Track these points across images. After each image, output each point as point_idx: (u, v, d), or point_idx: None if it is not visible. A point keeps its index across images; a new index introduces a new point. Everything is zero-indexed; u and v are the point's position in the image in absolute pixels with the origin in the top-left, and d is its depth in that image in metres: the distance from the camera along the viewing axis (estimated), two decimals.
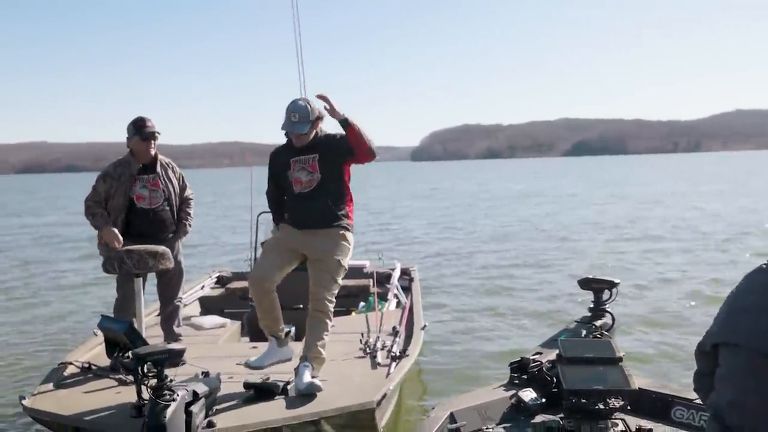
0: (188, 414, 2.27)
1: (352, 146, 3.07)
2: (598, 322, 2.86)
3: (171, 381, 2.24)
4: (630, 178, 40.90)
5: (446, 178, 55.23)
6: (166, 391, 2.17)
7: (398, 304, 4.94)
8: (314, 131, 3.18)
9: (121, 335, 2.76)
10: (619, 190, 28.26)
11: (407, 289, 5.33)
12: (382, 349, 3.51)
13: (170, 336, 3.66)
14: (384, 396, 2.83)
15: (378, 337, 3.69)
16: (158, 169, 3.62)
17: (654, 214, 16.82)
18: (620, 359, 2.57)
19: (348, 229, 3.26)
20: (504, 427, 2.50)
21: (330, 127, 3.26)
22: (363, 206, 23.34)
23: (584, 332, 2.84)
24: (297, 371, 2.98)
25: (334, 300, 3.17)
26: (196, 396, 2.35)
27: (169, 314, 3.67)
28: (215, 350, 3.76)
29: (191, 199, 3.82)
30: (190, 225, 3.77)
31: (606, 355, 2.57)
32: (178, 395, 2.19)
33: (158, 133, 3.58)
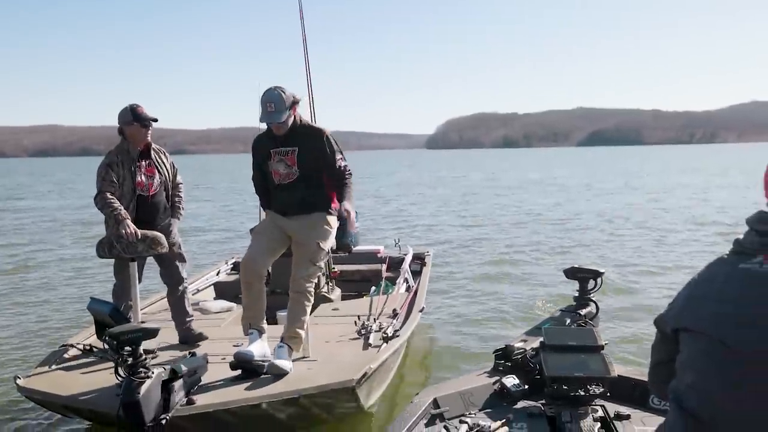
0: (167, 391, 2.35)
1: (331, 181, 3.29)
2: (583, 311, 2.90)
3: (145, 359, 2.31)
4: (641, 169, 40.47)
5: (460, 166, 55.03)
6: (141, 369, 2.23)
7: (408, 288, 5.03)
8: (292, 117, 3.24)
9: (107, 317, 2.84)
10: (629, 181, 28.13)
11: (418, 274, 5.43)
12: (378, 330, 3.58)
13: (186, 318, 3.70)
14: (364, 375, 2.89)
15: (375, 320, 3.77)
16: (153, 155, 3.66)
17: (660, 205, 16.73)
18: (602, 347, 2.61)
19: (330, 213, 3.35)
20: (486, 413, 2.53)
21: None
22: (379, 193, 23.46)
23: (568, 321, 2.88)
24: (274, 352, 3.08)
25: (313, 282, 3.26)
26: (175, 374, 2.42)
27: (179, 298, 3.73)
28: (217, 333, 3.84)
29: (182, 184, 3.86)
30: (183, 209, 3.83)
31: (588, 343, 2.62)
32: (153, 373, 2.25)
33: (155, 119, 3.61)
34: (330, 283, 4.85)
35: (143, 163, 3.60)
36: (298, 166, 3.24)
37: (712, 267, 1.29)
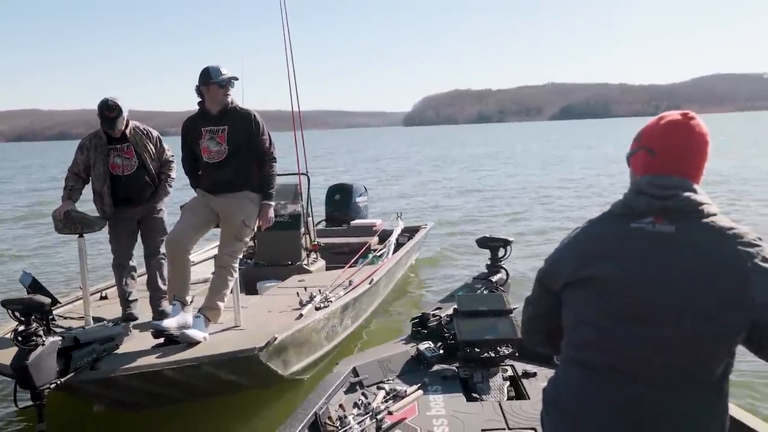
0: (68, 357, 2.48)
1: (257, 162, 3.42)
2: (494, 278, 3.01)
3: (37, 328, 2.40)
4: (607, 142, 41.37)
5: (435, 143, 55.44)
6: (34, 337, 2.34)
7: None
8: (230, 96, 3.37)
9: (27, 287, 2.95)
10: (589, 152, 28.82)
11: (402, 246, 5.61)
12: (323, 301, 3.70)
13: (158, 293, 3.78)
14: (267, 344, 2.97)
15: (321, 291, 3.87)
16: (129, 138, 3.76)
17: (610, 177, 17.15)
18: (511, 311, 2.73)
19: (256, 192, 3.43)
20: (403, 378, 2.63)
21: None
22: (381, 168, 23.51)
23: (481, 287, 2.99)
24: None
25: (238, 258, 3.37)
26: (77, 342, 2.54)
27: (152, 272, 3.82)
28: None
29: (171, 161, 3.94)
30: (170, 186, 3.92)
31: (497, 308, 2.74)
32: (45, 341, 2.37)
33: (119, 116, 3.65)
34: (312, 255, 4.95)
35: (122, 146, 3.73)
36: (227, 144, 3.34)
37: (599, 226, 1.33)
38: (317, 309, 3.58)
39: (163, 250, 3.83)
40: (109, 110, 3.61)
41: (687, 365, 1.19)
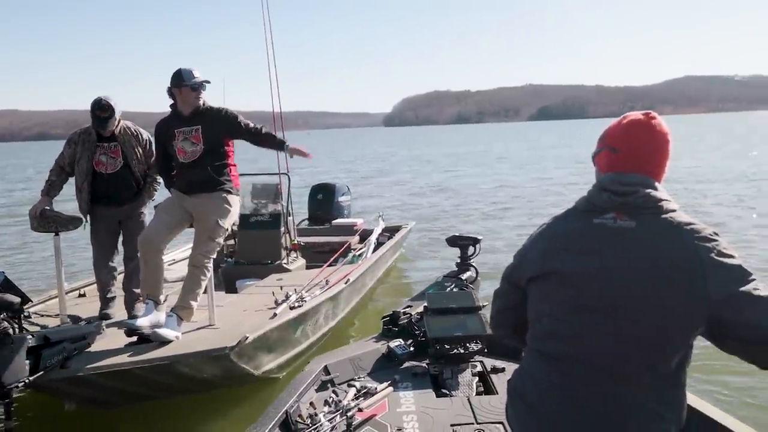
0: (38, 356, 2.51)
1: (254, 142, 3.53)
2: (463, 276, 3.07)
3: (5, 328, 2.43)
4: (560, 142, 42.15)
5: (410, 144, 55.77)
6: (2, 336, 2.36)
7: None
8: (202, 98, 3.42)
9: None
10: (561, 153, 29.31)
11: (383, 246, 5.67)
12: (298, 301, 3.73)
13: (130, 296, 3.77)
14: (238, 343, 3.00)
15: (297, 290, 3.89)
16: (118, 137, 3.77)
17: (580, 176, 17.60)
18: (479, 308, 2.79)
19: (230, 192, 3.47)
20: (374, 375, 2.66)
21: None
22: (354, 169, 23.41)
23: (450, 285, 3.05)
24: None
25: (211, 258, 3.38)
26: (47, 340, 2.57)
27: (129, 273, 3.81)
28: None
29: None
30: (155, 189, 3.93)
31: (467, 305, 2.80)
32: (14, 339, 2.39)
33: (111, 116, 3.68)
34: (292, 255, 4.99)
35: (109, 145, 3.75)
36: (203, 143, 3.38)
37: (563, 222, 1.38)
38: (292, 308, 3.61)
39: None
40: (101, 110, 3.63)
41: (645, 357, 1.22)
